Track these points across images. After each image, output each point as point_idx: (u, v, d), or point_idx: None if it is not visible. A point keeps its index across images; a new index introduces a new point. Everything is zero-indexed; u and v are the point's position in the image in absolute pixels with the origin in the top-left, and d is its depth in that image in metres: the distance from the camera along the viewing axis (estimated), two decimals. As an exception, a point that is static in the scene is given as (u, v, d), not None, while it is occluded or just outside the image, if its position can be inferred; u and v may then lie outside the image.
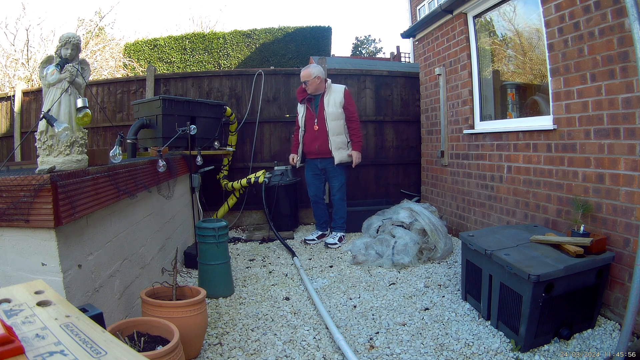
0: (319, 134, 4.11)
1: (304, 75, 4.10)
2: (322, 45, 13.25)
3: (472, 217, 3.97)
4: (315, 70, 4.07)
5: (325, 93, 4.13)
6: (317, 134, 4.12)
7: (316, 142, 4.14)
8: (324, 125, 4.09)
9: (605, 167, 2.42)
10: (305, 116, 4.21)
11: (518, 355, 2.05)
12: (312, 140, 4.17)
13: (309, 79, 4.07)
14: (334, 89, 4.13)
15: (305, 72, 4.10)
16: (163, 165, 2.88)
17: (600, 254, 2.23)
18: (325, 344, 2.23)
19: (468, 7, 3.89)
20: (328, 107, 4.07)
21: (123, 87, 5.47)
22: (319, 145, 4.12)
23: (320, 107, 4.11)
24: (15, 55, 10.25)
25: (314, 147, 4.17)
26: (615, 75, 2.31)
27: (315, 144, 4.15)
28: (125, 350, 0.64)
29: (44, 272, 1.63)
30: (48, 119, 1.76)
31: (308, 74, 4.07)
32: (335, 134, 4.08)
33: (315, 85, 4.09)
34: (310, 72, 4.06)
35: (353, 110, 4.18)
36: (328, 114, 4.06)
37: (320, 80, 4.10)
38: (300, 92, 4.25)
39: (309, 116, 4.19)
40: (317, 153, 4.17)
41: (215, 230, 2.86)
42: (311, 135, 4.17)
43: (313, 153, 4.21)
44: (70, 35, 1.88)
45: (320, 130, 4.10)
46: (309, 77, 4.07)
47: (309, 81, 4.07)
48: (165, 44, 12.46)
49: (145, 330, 1.83)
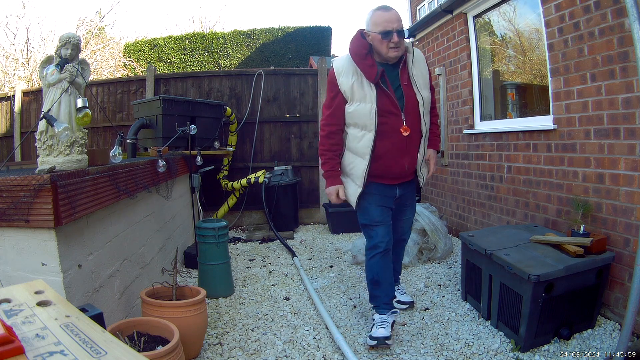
0: (409, 142, 2.17)
1: (394, 18, 2.06)
2: (322, 45, 13.25)
3: (472, 217, 3.97)
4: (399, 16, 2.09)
5: (407, 59, 2.19)
6: (408, 142, 2.16)
7: (406, 157, 2.19)
8: (417, 123, 2.19)
9: (605, 167, 2.42)
10: (378, 106, 2.10)
11: (518, 355, 2.05)
12: (399, 153, 2.17)
13: (401, 24, 2.07)
14: (416, 55, 2.22)
15: (393, 12, 2.08)
16: (163, 165, 2.88)
17: (600, 254, 2.23)
18: (325, 344, 2.23)
19: (468, 7, 3.89)
20: (420, 87, 2.19)
21: (123, 87, 5.47)
22: (408, 163, 2.21)
23: (407, 88, 2.16)
24: (15, 55, 10.25)
25: (401, 167, 2.20)
26: (615, 75, 2.31)
27: (404, 161, 2.19)
28: (125, 350, 0.64)
29: (44, 272, 1.63)
30: (48, 119, 1.76)
31: (398, 15, 2.08)
32: (426, 139, 2.29)
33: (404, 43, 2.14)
34: (397, 17, 2.08)
35: (434, 89, 2.38)
36: (424, 102, 2.19)
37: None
38: (362, 57, 2.12)
39: (385, 106, 2.11)
40: (402, 176, 2.25)
41: (215, 230, 2.86)
42: (395, 143, 2.15)
43: (395, 177, 2.23)
44: (70, 35, 1.88)
45: (412, 134, 2.16)
46: (400, 21, 2.08)
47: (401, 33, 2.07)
48: (165, 44, 12.46)
49: (145, 330, 1.83)
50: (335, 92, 2.18)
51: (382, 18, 2.06)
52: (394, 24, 2.04)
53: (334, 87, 2.17)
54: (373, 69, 2.10)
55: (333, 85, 2.18)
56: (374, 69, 2.10)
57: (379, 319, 2.22)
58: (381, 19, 2.06)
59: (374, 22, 2.08)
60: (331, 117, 2.20)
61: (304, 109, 5.35)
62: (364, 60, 2.11)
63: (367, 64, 2.11)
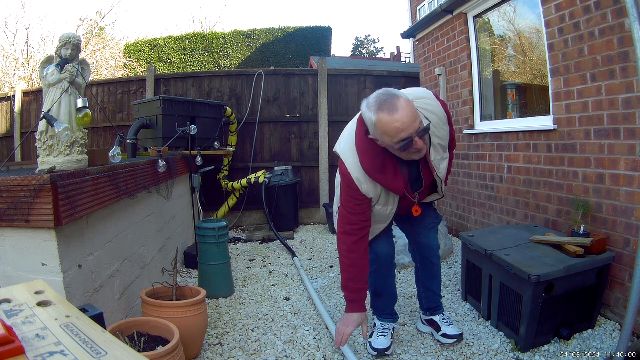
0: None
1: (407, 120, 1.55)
2: (322, 45, 13.26)
3: (472, 217, 3.97)
4: (414, 110, 1.60)
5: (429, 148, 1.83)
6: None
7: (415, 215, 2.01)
8: (430, 191, 2.04)
9: (605, 167, 2.42)
10: (399, 206, 1.93)
11: (518, 355, 2.05)
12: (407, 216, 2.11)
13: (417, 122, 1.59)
14: (433, 120, 1.76)
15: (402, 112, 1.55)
16: (163, 165, 2.88)
17: (600, 254, 2.23)
18: (325, 344, 2.23)
19: (468, 7, 3.89)
20: (438, 166, 1.89)
21: (123, 87, 5.47)
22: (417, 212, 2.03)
23: (427, 175, 1.90)
24: (15, 55, 10.25)
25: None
26: (615, 75, 2.31)
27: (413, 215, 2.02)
28: (125, 350, 0.64)
29: (44, 272, 1.63)
30: (48, 119, 1.76)
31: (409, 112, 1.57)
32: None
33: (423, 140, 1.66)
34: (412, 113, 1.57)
35: (453, 131, 1.95)
36: (442, 178, 1.94)
37: (421, 120, 1.65)
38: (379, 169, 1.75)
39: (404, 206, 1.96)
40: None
41: (215, 230, 2.86)
42: (405, 215, 2.12)
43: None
44: (70, 35, 1.88)
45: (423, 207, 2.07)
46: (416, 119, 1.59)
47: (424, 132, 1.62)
48: (165, 44, 12.47)
49: (145, 330, 1.83)
50: (360, 199, 1.81)
51: (393, 127, 1.55)
52: (410, 130, 1.55)
53: (357, 193, 1.80)
54: (398, 182, 1.76)
55: (355, 191, 1.80)
56: (399, 181, 1.76)
57: (380, 326, 2.18)
58: (391, 128, 1.55)
59: (383, 131, 1.59)
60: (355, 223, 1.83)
61: (304, 109, 5.35)
62: (383, 174, 1.74)
63: (389, 176, 1.74)
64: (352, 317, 1.90)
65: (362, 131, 1.73)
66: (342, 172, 1.84)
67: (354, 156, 1.77)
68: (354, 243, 1.84)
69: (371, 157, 1.73)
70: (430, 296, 2.26)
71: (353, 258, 1.85)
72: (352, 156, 1.78)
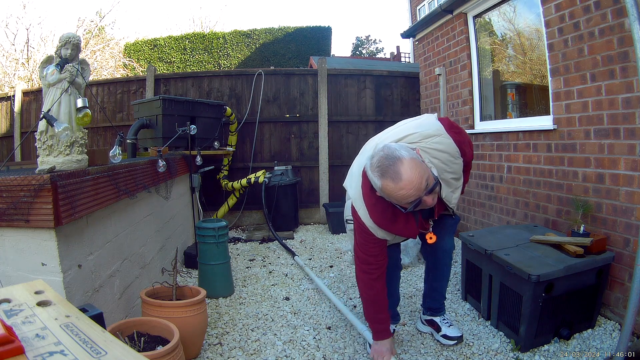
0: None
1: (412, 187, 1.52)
2: (322, 45, 13.27)
3: (472, 217, 3.97)
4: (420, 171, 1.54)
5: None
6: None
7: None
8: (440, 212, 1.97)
9: (605, 167, 2.42)
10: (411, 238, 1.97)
11: (518, 355, 2.05)
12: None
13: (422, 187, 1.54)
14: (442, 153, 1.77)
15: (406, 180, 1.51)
16: (163, 165, 2.88)
17: (600, 254, 2.23)
18: (325, 344, 2.23)
19: (468, 7, 3.89)
20: (450, 193, 1.88)
21: (123, 87, 5.47)
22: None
23: (439, 207, 1.90)
24: (15, 55, 10.25)
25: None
26: (615, 75, 2.31)
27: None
28: (125, 350, 0.64)
29: (44, 272, 1.63)
30: (48, 119, 1.76)
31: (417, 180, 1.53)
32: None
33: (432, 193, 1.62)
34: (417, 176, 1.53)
35: (471, 154, 1.96)
36: (452, 204, 1.92)
37: (429, 175, 1.60)
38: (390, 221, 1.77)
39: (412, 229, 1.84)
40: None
41: (215, 230, 2.86)
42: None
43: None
44: (70, 35, 1.88)
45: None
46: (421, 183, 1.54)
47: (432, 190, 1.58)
48: (165, 44, 12.47)
49: (145, 330, 1.83)
50: (375, 241, 1.82)
51: (399, 195, 1.53)
52: (417, 193, 1.53)
53: (372, 237, 1.81)
54: (412, 228, 1.78)
55: (370, 236, 1.81)
56: (412, 227, 1.78)
57: None
58: (398, 195, 1.54)
59: (389, 196, 1.58)
60: (372, 263, 1.84)
61: (304, 109, 5.35)
62: (394, 223, 1.75)
63: (401, 225, 1.75)
64: (384, 345, 1.93)
65: (367, 186, 1.70)
66: (355, 218, 1.84)
67: (363, 208, 1.76)
68: (373, 281, 1.86)
69: (379, 212, 1.73)
70: (435, 297, 2.27)
71: (373, 295, 1.89)
72: (362, 207, 1.77)
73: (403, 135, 1.75)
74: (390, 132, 1.87)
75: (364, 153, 1.91)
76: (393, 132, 1.84)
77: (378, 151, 1.60)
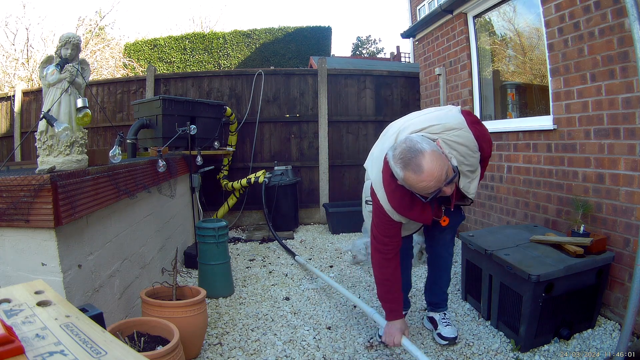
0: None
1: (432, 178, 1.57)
2: (322, 45, 13.27)
3: (472, 217, 3.97)
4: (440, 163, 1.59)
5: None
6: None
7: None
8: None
9: (605, 167, 2.42)
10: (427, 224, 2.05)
11: (518, 355, 2.05)
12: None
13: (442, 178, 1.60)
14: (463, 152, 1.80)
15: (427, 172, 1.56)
16: (163, 165, 2.88)
17: (600, 254, 2.23)
18: (325, 344, 2.23)
19: (468, 7, 3.89)
20: (468, 184, 1.90)
21: (123, 87, 5.47)
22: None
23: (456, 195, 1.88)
24: (15, 55, 10.25)
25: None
26: (615, 75, 2.31)
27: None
28: (125, 350, 0.64)
29: (44, 272, 1.63)
30: (48, 119, 1.76)
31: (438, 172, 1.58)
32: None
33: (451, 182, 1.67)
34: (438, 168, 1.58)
35: (488, 151, 1.92)
36: (470, 194, 1.94)
37: (449, 166, 1.64)
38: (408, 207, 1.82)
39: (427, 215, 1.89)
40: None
41: (215, 230, 2.86)
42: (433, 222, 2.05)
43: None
44: (70, 35, 1.88)
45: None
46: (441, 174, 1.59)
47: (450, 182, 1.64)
48: (165, 44, 12.47)
49: (145, 331, 1.83)
50: (392, 223, 1.89)
51: (420, 186, 1.59)
52: (437, 184, 1.59)
53: (388, 219, 1.87)
54: (427, 215, 1.84)
55: (386, 217, 1.87)
56: (427, 214, 1.84)
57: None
58: (419, 186, 1.60)
59: (410, 186, 1.64)
60: (387, 244, 1.91)
61: (304, 109, 5.36)
62: (411, 210, 1.81)
63: (417, 212, 1.82)
64: (395, 325, 1.97)
65: (388, 173, 1.75)
66: (374, 200, 1.90)
67: (382, 192, 1.84)
68: (387, 260, 1.93)
69: (398, 198, 1.80)
70: (435, 290, 2.31)
71: (388, 273, 1.95)
72: (381, 190, 1.84)
73: (426, 126, 1.78)
74: (414, 119, 1.88)
75: (386, 135, 1.97)
76: (416, 120, 1.86)
77: (400, 143, 1.67)
